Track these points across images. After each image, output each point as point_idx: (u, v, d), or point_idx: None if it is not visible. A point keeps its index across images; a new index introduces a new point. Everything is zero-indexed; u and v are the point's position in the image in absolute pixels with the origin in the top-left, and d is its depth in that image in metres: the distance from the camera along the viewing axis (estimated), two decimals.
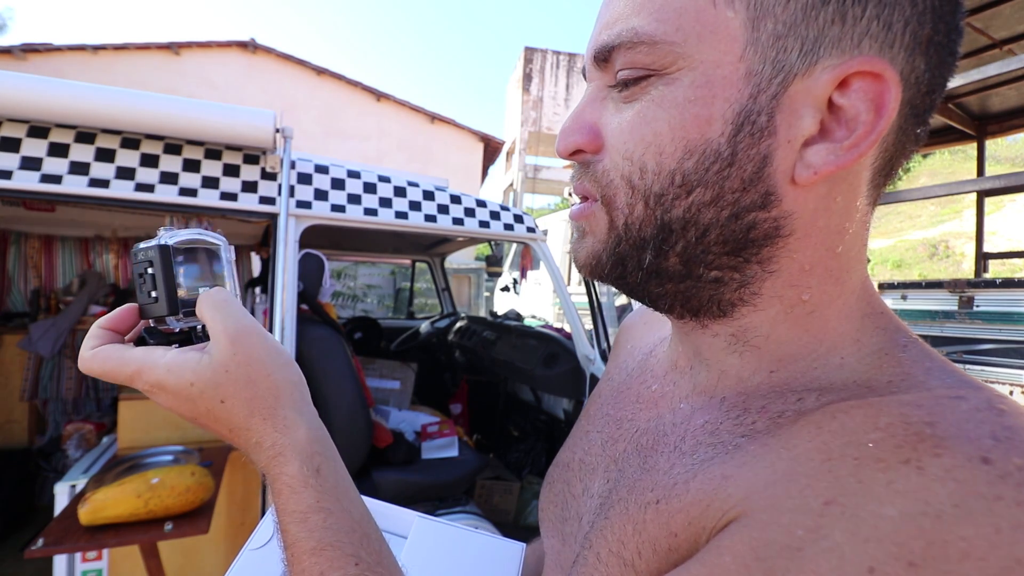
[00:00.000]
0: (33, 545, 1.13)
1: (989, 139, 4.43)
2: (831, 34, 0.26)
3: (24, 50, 8.03)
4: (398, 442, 1.96)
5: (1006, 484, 0.18)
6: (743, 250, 0.29)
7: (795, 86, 0.27)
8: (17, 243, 2.93)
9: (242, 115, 1.46)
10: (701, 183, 0.28)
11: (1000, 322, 2.01)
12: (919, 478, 0.20)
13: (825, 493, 0.21)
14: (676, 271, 0.31)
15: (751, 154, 0.27)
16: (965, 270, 11.34)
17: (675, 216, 0.29)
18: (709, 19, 0.27)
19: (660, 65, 0.28)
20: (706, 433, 0.31)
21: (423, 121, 10.59)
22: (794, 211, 0.28)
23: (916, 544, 0.18)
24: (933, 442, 0.21)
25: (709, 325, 0.33)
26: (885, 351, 0.29)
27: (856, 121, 0.26)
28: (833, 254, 0.30)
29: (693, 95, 0.27)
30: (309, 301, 1.91)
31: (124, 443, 1.77)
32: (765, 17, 0.26)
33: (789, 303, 0.30)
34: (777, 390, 0.30)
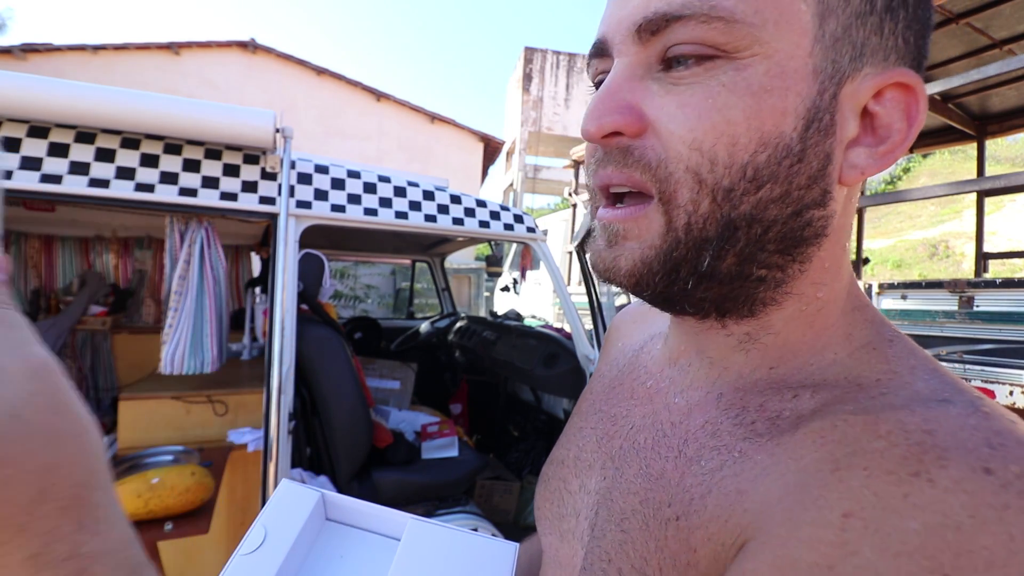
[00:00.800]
0: None
1: (989, 139, 4.43)
2: (872, 43, 0.27)
3: (24, 50, 8.03)
4: (398, 442, 1.96)
5: (1009, 493, 0.19)
6: (795, 248, 0.29)
7: (845, 89, 0.27)
8: (17, 243, 2.93)
9: (242, 115, 1.46)
10: (772, 178, 0.27)
11: (1000, 322, 2.00)
12: (932, 491, 0.20)
13: (841, 505, 0.22)
14: (729, 272, 0.29)
15: (818, 151, 0.27)
16: (965, 270, 11.34)
17: (742, 212, 0.27)
18: (785, 6, 0.26)
19: (733, 47, 0.26)
20: (707, 435, 0.31)
21: (423, 121, 10.59)
22: (835, 212, 0.29)
23: (945, 556, 0.19)
24: (936, 453, 0.21)
25: (729, 325, 0.32)
26: (873, 346, 0.30)
27: (890, 129, 0.27)
28: (843, 249, 0.31)
29: (769, 84, 0.26)
30: (309, 301, 1.91)
31: (124, 443, 1.78)
32: (830, 15, 0.26)
33: (806, 301, 0.30)
34: (774, 387, 0.30)
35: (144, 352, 3.02)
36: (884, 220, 15.67)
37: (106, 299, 2.97)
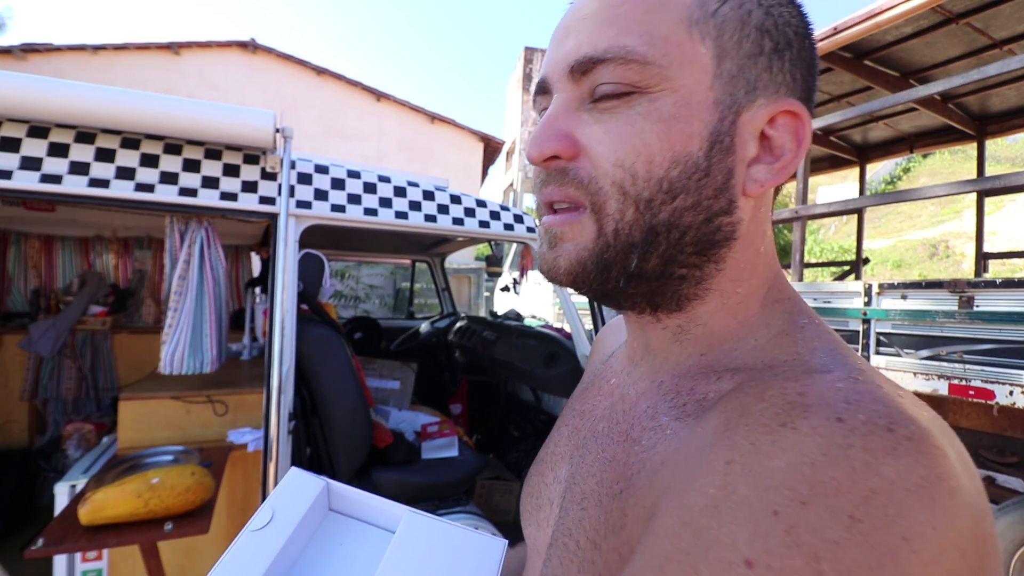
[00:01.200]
0: (33, 545, 1.13)
1: (989, 139, 4.42)
2: (764, 79, 0.33)
3: (24, 50, 8.03)
4: (398, 442, 1.96)
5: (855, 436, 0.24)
6: (708, 249, 0.34)
7: (743, 116, 0.33)
8: (17, 243, 2.93)
9: (242, 115, 1.46)
10: (684, 190, 0.32)
11: (1000, 322, 2.00)
12: (794, 436, 0.24)
13: (725, 455, 0.26)
14: (655, 272, 0.34)
15: (721, 168, 0.33)
16: (965, 270, 11.34)
17: (661, 220, 0.33)
18: (688, 50, 0.32)
19: (646, 84, 0.32)
20: (647, 418, 0.36)
21: (423, 121, 10.59)
22: (743, 219, 0.35)
23: (802, 486, 0.23)
24: (802, 408, 0.26)
25: (663, 319, 0.37)
26: (786, 332, 0.34)
27: (783, 148, 0.33)
28: (758, 253, 0.36)
29: (677, 113, 0.32)
30: (309, 301, 1.91)
31: (124, 443, 1.78)
32: (726, 57, 0.32)
33: (727, 295, 0.36)
34: (703, 371, 0.35)
35: (144, 352, 3.02)
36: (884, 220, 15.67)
37: (106, 299, 2.97)
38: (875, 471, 0.22)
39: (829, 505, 0.22)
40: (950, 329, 2.16)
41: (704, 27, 0.32)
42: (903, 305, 2.30)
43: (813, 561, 0.21)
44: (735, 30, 0.32)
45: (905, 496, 0.22)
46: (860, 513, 0.21)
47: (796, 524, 0.22)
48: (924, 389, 2.21)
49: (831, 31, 3.11)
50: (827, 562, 0.21)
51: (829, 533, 0.21)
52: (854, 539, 0.21)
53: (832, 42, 3.14)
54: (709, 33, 0.32)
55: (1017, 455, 2.32)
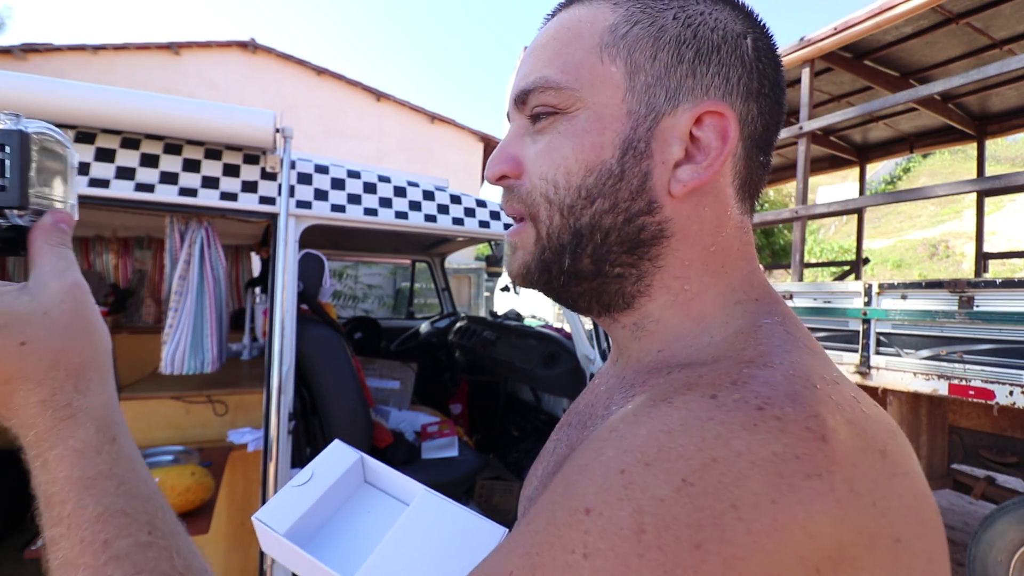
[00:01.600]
0: (33, 545, 1.13)
1: (989, 139, 4.43)
2: (687, 85, 0.35)
3: (24, 50, 8.03)
4: (398, 442, 1.96)
5: (719, 410, 0.25)
6: (637, 248, 0.37)
7: (664, 122, 0.35)
8: None
9: (242, 115, 1.46)
10: (601, 194, 0.36)
11: (1000, 322, 2.00)
12: (666, 408, 0.26)
13: (611, 424, 0.28)
14: (589, 270, 0.38)
15: (635, 171, 0.35)
16: (965, 270, 11.34)
17: (584, 223, 0.36)
18: (599, 72, 0.35)
19: (564, 106, 0.36)
20: (602, 407, 0.39)
21: (423, 121, 10.59)
22: (673, 217, 0.36)
23: (650, 450, 0.25)
24: (688, 387, 0.27)
25: (619, 318, 0.40)
26: (742, 330, 0.35)
27: (709, 147, 0.35)
28: (708, 252, 0.37)
29: (589, 127, 0.36)
30: (309, 301, 1.91)
31: None
32: (638, 72, 0.35)
33: (675, 292, 0.38)
34: (658, 366, 0.36)
35: (144, 352, 3.02)
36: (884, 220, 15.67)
37: (106, 299, 2.97)
38: (724, 442, 0.24)
39: (667, 468, 0.24)
40: (950, 329, 2.16)
41: (614, 49, 0.35)
42: (903, 305, 2.30)
43: (637, 513, 0.23)
44: (647, 46, 0.35)
45: (747, 468, 0.23)
46: (694, 478, 0.23)
47: (633, 481, 0.24)
48: (924, 389, 2.21)
49: (831, 31, 3.11)
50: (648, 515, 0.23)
51: (658, 491, 0.23)
52: (679, 499, 0.23)
53: (832, 42, 3.14)
54: (620, 54, 0.35)
55: (1017, 455, 2.32)
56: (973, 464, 2.50)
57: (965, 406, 2.45)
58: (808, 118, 3.27)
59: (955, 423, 2.54)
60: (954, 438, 2.55)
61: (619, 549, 0.23)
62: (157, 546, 0.30)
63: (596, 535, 0.23)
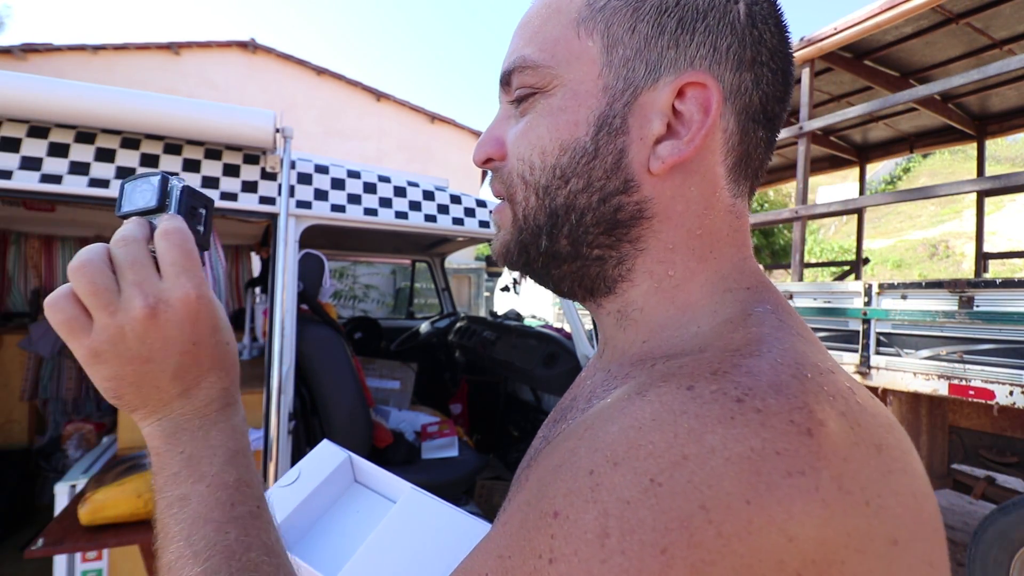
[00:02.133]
0: (33, 545, 1.13)
1: (989, 139, 4.42)
2: (668, 56, 0.33)
3: (24, 50, 8.03)
4: (398, 442, 1.96)
5: (693, 403, 0.23)
6: (615, 229, 0.35)
7: (643, 97, 0.33)
8: (17, 243, 2.93)
9: (242, 115, 1.46)
10: (575, 174, 0.35)
11: (1000, 322, 2.00)
12: (639, 402, 0.25)
13: (587, 421, 0.27)
14: (567, 252, 0.37)
15: (610, 148, 0.34)
16: (965, 270, 11.33)
17: (559, 204, 0.36)
18: (575, 48, 0.34)
19: (542, 84, 0.35)
20: (583, 401, 0.37)
21: (423, 121, 10.59)
22: (653, 196, 0.35)
23: (620, 448, 0.23)
24: (665, 378, 0.26)
25: (603, 304, 0.39)
26: (731, 320, 0.33)
27: (691, 120, 0.33)
28: (694, 235, 0.35)
29: (564, 104, 0.35)
30: (309, 301, 1.91)
31: (124, 443, 1.77)
32: (616, 45, 0.34)
33: (658, 278, 0.36)
34: (643, 358, 0.34)
35: None
36: (884, 220, 15.67)
37: None
38: (696, 438, 0.22)
39: (635, 467, 0.22)
40: (950, 329, 2.16)
41: (591, 23, 0.34)
42: (903, 305, 2.30)
43: (602, 516, 0.22)
44: (626, 18, 0.33)
45: (721, 466, 0.21)
46: (663, 477, 0.22)
47: (601, 483, 0.23)
48: (924, 389, 2.21)
49: (831, 31, 3.11)
50: (614, 519, 0.22)
51: (625, 493, 0.22)
52: (646, 501, 0.21)
53: (832, 42, 3.14)
54: (596, 28, 0.34)
55: (1017, 455, 2.32)
56: (973, 464, 2.50)
57: (965, 406, 2.45)
58: (808, 118, 3.27)
59: (955, 423, 2.54)
60: (954, 438, 2.55)
61: (583, 554, 0.22)
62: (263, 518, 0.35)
63: (562, 539, 0.23)
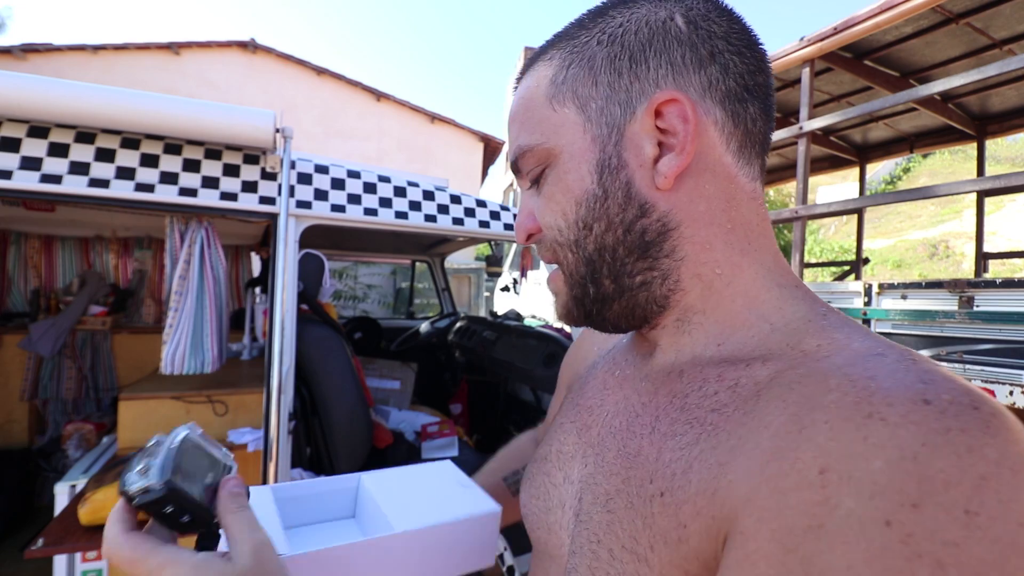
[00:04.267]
0: (33, 545, 1.13)
1: (989, 139, 4.42)
2: (635, 89, 0.36)
3: (24, 50, 8.03)
4: (398, 442, 1.96)
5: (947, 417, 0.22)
6: (648, 251, 0.37)
7: (628, 131, 0.37)
8: (17, 243, 2.93)
9: (242, 115, 1.46)
10: (595, 219, 0.38)
11: (1000, 322, 2.00)
12: (886, 428, 0.23)
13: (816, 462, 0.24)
14: (613, 291, 0.39)
15: (616, 185, 0.37)
16: (965, 270, 11.33)
17: (591, 250, 0.39)
18: (555, 120, 0.39)
19: (545, 160, 0.40)
20: (676, 410, 0.36)
21: (423, 121, 10.58)
22: (671, 208, 0.37)
23: (910, 486, 0.21)
24: (881, 395, 0.24)
25: (657, 322, 0.40)
26: (808, 319, 0.35)
27: (676, 132, 0.36)
28: (726, 229, 0.37)
29: (567, 167, 0.38)
30: (309, 301, 1.91)
31: (124, 443, 1.77)
32: (588, 102, 0.37)
33: (708, 279, 0.37)
34: (727, 359, 0.35)
35: (144, 352, 3.02)
36: (884, 220, 15.66)
37: (106, 299, 2.97)
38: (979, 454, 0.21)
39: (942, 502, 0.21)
40: (950, 329, 2.16)
41: (560, 96, 0.38)
42: (903, 305, 2.29)
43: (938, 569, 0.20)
44: (586, 77, 0.37)
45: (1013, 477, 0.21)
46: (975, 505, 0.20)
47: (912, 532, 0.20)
48: None
49: (831, 31, 3.11)
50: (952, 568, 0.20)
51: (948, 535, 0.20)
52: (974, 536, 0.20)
53: (832, 42, 3.14)
54: (566, 96, 0.38)
55: None
56: None
57: None
58: (808, 118, 3.27)
59: None
60: None
61: None
62: None
63: None
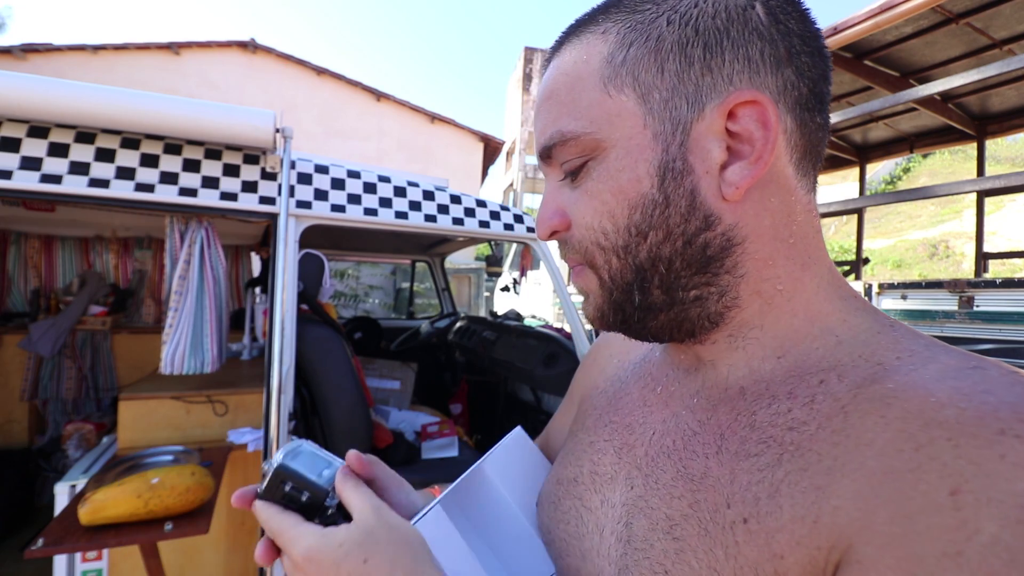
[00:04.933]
0: (33, 545, 1.13)
1: (989, 139, 4.42)
2: (706, 84, 0.32)
3: (24, 50, 8.03)
4: (398, 442, 1.96)
5: None
6: (708, 266, 0.34)
7: (695, 130, 0.33)
8: (17, 243, 2.93)
9: (242, 115, 1.46)
10: (651, 227, 0.34)
11: (1000, 322, 2.00)
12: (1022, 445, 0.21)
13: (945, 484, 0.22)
14: (662, 302, 0.36)
15: (680, 192, 0.33)
16: (965, 270, 11.33)
17: (642, 259, 0.35)
18: (610, 107, 0.34)
19: (589, 152, 0.35)
20: (745, 428, 0.32)
21: (423, 121, 10.58)
22: (737, 222, 0.34)
23: None
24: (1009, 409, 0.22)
25: (705, 338, 0.37)
26: (876, 330, 0.33)
27: (752, 138, 0.32)
28: (787, 244, 0.35)
29: (620, 164, 0.34)
30: (309, 301, 1.91)
31: (124, 443, 1.77)
32: (651, 91, 0.33)
33: (768, 296, 0.35)
34: (794, 374, 0.33)
35: (144, 352, 3.02)
36: (884, 220, 15.66)
37: (106, 299, 2.97)
38: None
39: None
40: (950, 329, 2.16)
41: (617, 79, 0.33)
42: (903, 305, 2.30)
43: None
44: (651, 63, 0.33)
45: None
46: None
47: None
48: None
49: (831, 31, 3.11)
50: None
51: None
52: None
53: (832, 42, 3.14)
54: (624, 81, 0.33)
55: None
56: None
57: None
58: None
59: None
60: None
61: None
62: None
63: None
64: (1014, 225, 11.98)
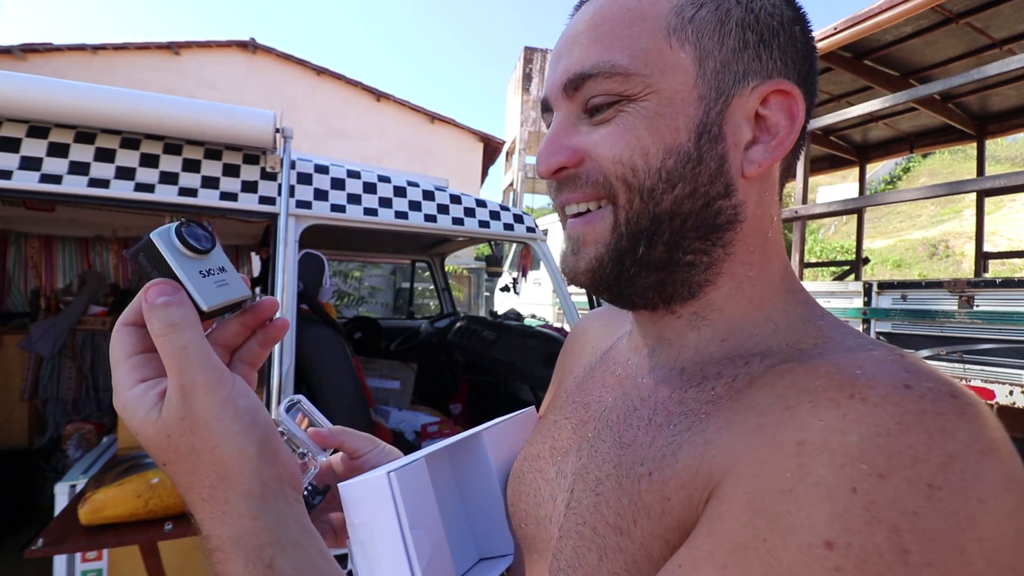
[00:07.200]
0: (33, 545, 1.13)
1: (989, 139, 4.43)
2: (753, 67, 0.35)
3: (24, 50, 8.03)
4: (398, 442, 1.96)
5: (925, 401, 0.24)
6: (711, 234, 0.36)
7: (734, 104, 0.35)
8: (17, 243, 2.93)
9: (242, 115, 1.46)
10: (681, 179, 0.35)
11: (1000, 322, 2.00)
12: (864, 407, 0.24)
13: (795, 435, 0.26)
14: (660, 259, 0.36)
15: (712, 155, 0.35)
16: (965, 270, 11.33)
17: (664, 208, 0.35)
18: (668, 58, 0.34)
19: (631, 92, 0.34)
20: (674, 403, 0.36)
21: (423, 121, 10.59)
22: (745, 201, 0.36)
23: (879, 459, 0.23)
24: (865, 379, 0.26)
25: (677, 309, 0.39)
26: (807, 319, 0.36)
27: (777, 126, 0.35)
28: (765, 237, 0.38)
29: (661, 111, 0.34)
30: (309, 301, 1.91)
31: (124, 443, 1.77)
32: (707, 57, 0.35)
33: (740, 279, 0.37)
34: (729, 357, 0.36)
35: None
36: (884, 220, 15.67)
37: (106, 299, 2.97)
38: (950, 435, 0.23)
39: (907, 476, 0.22)
40: (950, 329, 2.16)
41: (682, 34, 0.35)
42: (903, 305, 2.30)
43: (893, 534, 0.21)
44: (715, 31, 0.35)
45: (980, 459, 0.22)
46: (939, 480, 0.22)
47: (875, 499, 0.22)
48: None
49: (831, 31, 3.11)
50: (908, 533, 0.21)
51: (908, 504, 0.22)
52: (933, 507, 0.21)
53: (832, 42, 3.14)
54: (688, 38, 0.35)
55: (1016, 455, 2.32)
56: None
57: None
58: None
59: None
60: None
61: None
62: None
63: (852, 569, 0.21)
64: (1014, 225, 11.98)
